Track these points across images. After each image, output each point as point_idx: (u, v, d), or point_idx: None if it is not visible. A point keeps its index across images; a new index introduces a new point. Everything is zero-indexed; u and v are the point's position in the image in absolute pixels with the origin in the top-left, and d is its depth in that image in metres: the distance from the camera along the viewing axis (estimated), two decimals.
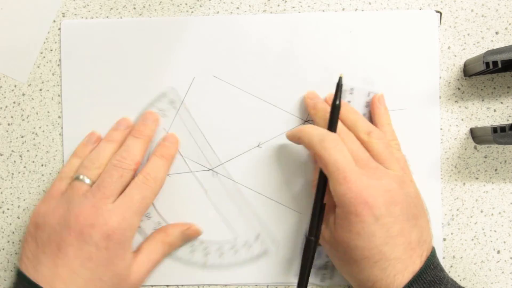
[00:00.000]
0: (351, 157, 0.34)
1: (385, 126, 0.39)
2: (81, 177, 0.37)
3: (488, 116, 0.41)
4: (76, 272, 0.34)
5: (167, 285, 0.41)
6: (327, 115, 0.37)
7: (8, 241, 0.42)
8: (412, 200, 0.35)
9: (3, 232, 0.42)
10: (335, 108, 0.36)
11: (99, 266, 0.34)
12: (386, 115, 0.39)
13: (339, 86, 0.37)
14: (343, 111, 0.38)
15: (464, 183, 0.41)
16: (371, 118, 0.40)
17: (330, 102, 0.37)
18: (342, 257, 0.35)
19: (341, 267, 0.36)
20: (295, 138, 0.38)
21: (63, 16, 0.42)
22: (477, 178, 0.41)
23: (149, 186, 0.37)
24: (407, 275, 0.33)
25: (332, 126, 0.36)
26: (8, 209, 0.42)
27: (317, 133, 0.35)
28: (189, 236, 0.40)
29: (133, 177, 0.38)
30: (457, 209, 0.41)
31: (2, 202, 0.42)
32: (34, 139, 0.42)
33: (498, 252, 0.41)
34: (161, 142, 0.40)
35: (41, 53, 0.42)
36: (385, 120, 0.39)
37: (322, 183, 0.36)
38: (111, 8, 0.42)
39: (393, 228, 0.33)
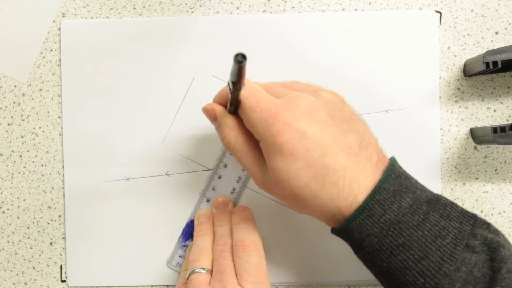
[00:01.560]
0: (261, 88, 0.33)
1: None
2: (197, 269, 0.36)
3: (488, 116, 0.41)
4: None
5: (167, 285, 0.41)
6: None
7: (8, 241, 0.42)
8: (335, 105, 0.33)
9: (3, 232, 0.42)
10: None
11: None
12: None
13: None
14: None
15: (464, 183, 0.41)
16: None
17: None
18: (293, 193, 0.32)
19: (298, 205, 0.33)
20: (215, 100, 0.36)
21: (63, 16, 0.42)
22: (477, 178, 0.41)
23: (253, 252, 0.35)
24: (363, 182, 0.31)
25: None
26: (8, 209, 0.42)
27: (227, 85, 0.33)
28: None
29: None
30: None
31: (2, 202, 0.42)
32: (34, 139, 0.42)
33: None
34: (234, 212, 0.39)
35: (41, 53, 0.42)
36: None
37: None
38: (111, 8, 0.42)
39: (325, 136, 0.31)
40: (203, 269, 0.35)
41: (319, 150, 0.31)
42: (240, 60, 0.25)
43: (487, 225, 0.32)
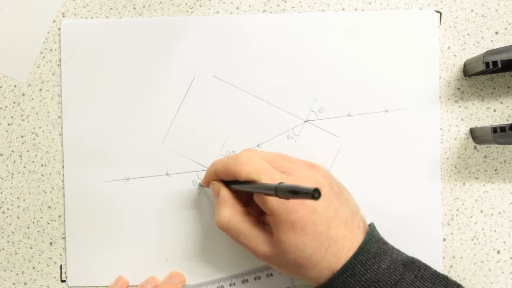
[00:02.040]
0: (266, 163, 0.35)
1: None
2: None
3: (488, 116, 0.41)
4: None
5: None
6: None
7: (8, 241, 0.42)
8: (330, 179, 0.37)
9: (3, 232, 0.42)
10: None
11: None
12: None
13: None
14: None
15: (464, 183, 0.41)
16: None
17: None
18: (294, 263, 0.34)
19: (295, 272, 0.35)
20: (211, 176, 0.38)
21: (63, 16, 0.42)
22: (477, 178, 0.41)
23: None
24: (354, 249, 0.34)
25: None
26: (8, 209, 0.42)
27: (228, 157, 0.37)
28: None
29: None
30: (457, 209, 0.41)
31: (2, 202, 0.42)
32: (34, 139, 0.42)
33: (498, 252, 0.41)
34: (166, 280, 0.41)
35: (41, 53, 0.42)
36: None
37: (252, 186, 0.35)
38: (111, 8, 0.42)
39: (329, 211, 0.34)
40: None
41: (325, 224, 0.34)
42: (317, 196, 0.26)
43: (458, 286, 0.35)
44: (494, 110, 0.41)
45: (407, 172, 0.40)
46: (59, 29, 0.42)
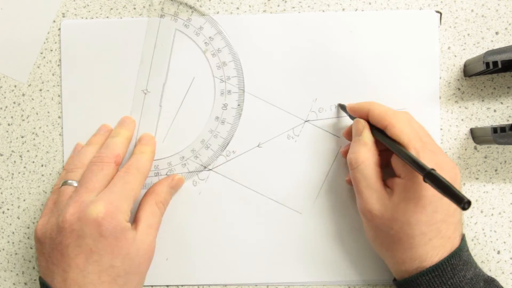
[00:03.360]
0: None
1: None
2: (68, 181, 0.37)
3: (488, 116, 0.41)
4: (85, 270, 0.34)
5: (167, 285, 0.41)
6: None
7: (8, 241, 0.42)
8: (458, 180, 0.36)
9: (3, 232, 0.42)
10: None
11: (104, 256, 0.34)
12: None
13: (343, 109, 0.39)
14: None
15: (464, 183, 0.41)
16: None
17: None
18: (395, 234, 0.34)
19: (386, 247, 0.36)
20: (363, 109, 0.37)
21: (63, 16, 0.42)
22: (477, 178, 0.41)
23: (131, 174, 0.37)
24: (447, 252, 0.34)
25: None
26: (8, 209, 0.42)
27: (388, 108, 0.37)
28: (176, 186, 0.41)
29: (116, 172, 0.38)
30: None
31: (2, 202, 0.42)
32: (34, 139, 0.42)
33: (498, 252, 0.41)
34: (138, 142, 0.41)
35: (41, 53, 0.42)
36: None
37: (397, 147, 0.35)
38: (111, 8, 0.42)
39: (450, 207, 0.34)
40: (75, 181, 0.37)
41: (443, 215, 0.34)
42: (466, 207, 0.27)
43: None
44: (494, 110, 0.41)
45: None
46: (59, 29, 0.42)
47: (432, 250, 0.34)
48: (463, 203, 0.27)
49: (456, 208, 0.33)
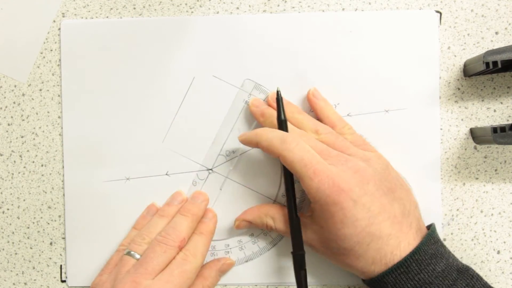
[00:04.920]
0: (315, 152, 0.35)
1: (330, 116, 0.39)
2: (131, 252, 0.37)
3: (488, 116, 0.41)
4: None
5: None
6: (275, 119, 0.38)
7: (8, 241, 0.42)
8: (382, 175, 0.36)
9: (3, 232, 0.42)
10: (282, 122, 0.37)
11: None
12: (327, 105, 0.40)
13: (279, 101, 0.38)
14: (288, 113, 0.38)
15: (464, 183, 0.41)
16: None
17: (272, 103, 0.39)
18: (337, 252, 0.35)
19: (339, 262, 0.36)
20: (252, 142, 0.37)
21: (63, 16, 0.42)
22: (477, 178, 0.41)
23: (188, 261, 0.36)
24: (404, 248, 0.34)
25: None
26: (8, 209, 0.42)
27: (276, 135, 0.36)
28: (224, 271, 0.40)
29: (176, 255, 0.37)
30: (457, 209, 0.41)
31: (2, 202, 0.42)
32: (34, 139, 0.42)
33: (498, 252, 0.41)
34: (201, 219, 0.40)
35: (41, 53, 0.42)
36: (328, 111, 0.40)
37: (291, 193, 0.37)
38: (111, 8, 0.42)
39: (373, 206, 0.34)
40: (139, 255, 0.37)
41: (367, 220, 0.33)
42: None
43: None
44: (494, 110, 0.41)
45: (407, 172, 0.40)
46: (59, 29, 0.42)
47: (378, 252, 0.34)
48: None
49: (382, 206, 0.34)
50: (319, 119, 0.40)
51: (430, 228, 0.36)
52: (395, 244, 0.34)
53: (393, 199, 0.35)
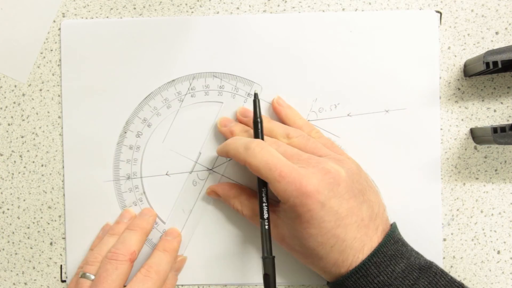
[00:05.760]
0: (281, 155, 0.34)
1: (297, 121, 0.39)
2: (86, 274, 0.37)
3: (488, 116, 0.41)
4: None
5: None
6: (246, 133, 0.38)
7: (8, 241, 0.42)
8: (354, 176, 0.35)
9: (3, 232, 0.42)
10: (258, 123, 0.37)
11: None
12: (292, 112, 0.40)
13: (256, 103, 0.38)
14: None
15: (464, 183, 0.41)
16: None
17: (242, 118, 0.40)
18: (300, 250, 0.35)
19: (303, 259, 0.37)
20: (223, 153, 0.38)
21: (63, 16, 0.42)
22: (477, 178, 0.41)
23: (151, 278, 0.36)
24: (366, 252, 0.34)
25: (257, 137, 0.37)
26: (8, 209, 0.42)
27: (241, 142, 0.36)
28: (179, 269, 0.41)
29: (130, 269, 0.37)
30: (457, 209, 0.41)
31: (2, 202, 0.42)
32: (34, 139, 0.42)
33: (498, 252, 0.41)
34: (163, 237, 0.40)
35: (41, 53, 0.42)
36: (294, 116, 0.40)
37: (262, 195, 0.36)
38: (111, 8, 0.42)
39: (341, 209, 0.33)
40: (93, 275, 0.36)
41: (333, 222, 0.33)
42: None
43: None
44: (494, 110, 0.41)
45: (407, 172, 0.40)
46: (59, 29, 0.42)
47: (340, 255, 0.34)
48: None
49: (350, 209, 0.34)
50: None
51: (390, 228, 0.36)
52: (358, 248, 0.34)
53: (362, 202, 0.35)
